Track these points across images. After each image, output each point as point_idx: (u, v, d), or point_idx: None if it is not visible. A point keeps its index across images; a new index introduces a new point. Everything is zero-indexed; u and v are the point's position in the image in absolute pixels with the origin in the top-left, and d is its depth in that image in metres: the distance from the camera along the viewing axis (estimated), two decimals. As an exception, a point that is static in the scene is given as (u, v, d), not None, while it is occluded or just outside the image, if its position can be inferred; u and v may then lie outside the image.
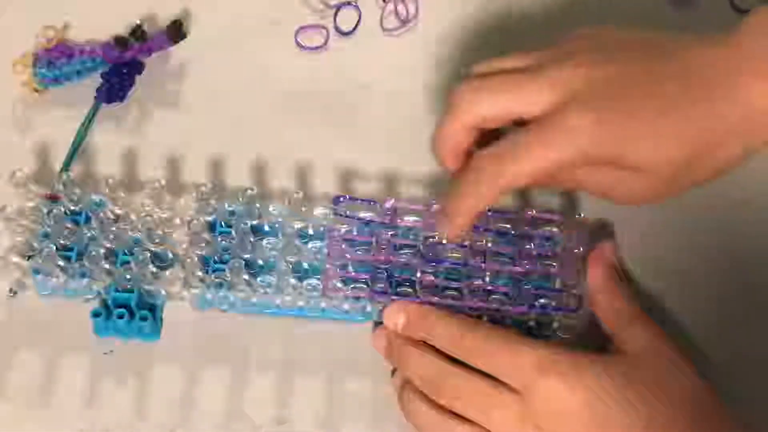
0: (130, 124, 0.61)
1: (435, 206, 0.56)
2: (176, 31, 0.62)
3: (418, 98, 0.62)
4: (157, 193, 0.56)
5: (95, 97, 0.61)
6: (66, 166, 0.59)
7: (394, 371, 0.53)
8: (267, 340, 0.55)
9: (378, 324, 0.55)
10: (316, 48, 0.64)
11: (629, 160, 0.48)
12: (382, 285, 0.54)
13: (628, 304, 0.53)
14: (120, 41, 0.62)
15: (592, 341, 0.54)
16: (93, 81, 0.62)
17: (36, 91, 0.62)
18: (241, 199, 0.56)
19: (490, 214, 0.56)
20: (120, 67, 0.62)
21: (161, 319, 0.55)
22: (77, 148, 0.60)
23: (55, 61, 0.61)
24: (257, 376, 0.54)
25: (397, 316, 0.53)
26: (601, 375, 0.48)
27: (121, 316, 0.53)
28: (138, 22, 0.63)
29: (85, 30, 0.64)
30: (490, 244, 0.55)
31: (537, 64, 0.50)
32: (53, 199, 0.56)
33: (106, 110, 0.61)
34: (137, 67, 0.62)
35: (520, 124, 0.50)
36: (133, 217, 0.55)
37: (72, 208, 0.56)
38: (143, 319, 0.54)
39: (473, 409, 0.49)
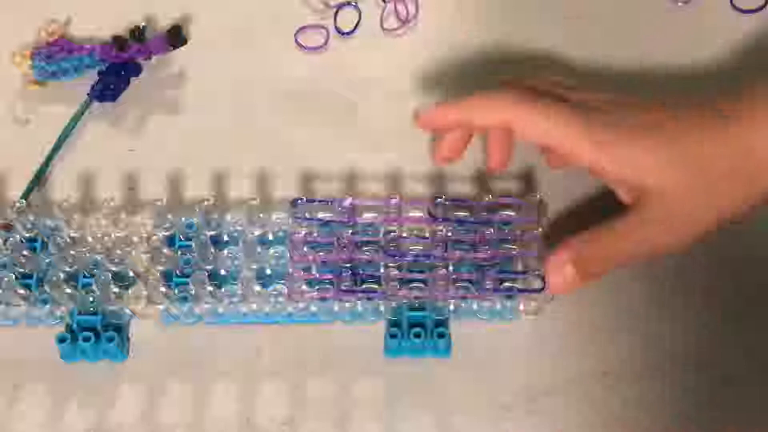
0: (130, 124, 0.61)
1: (393, 201, 0.56)
2: (176, 37, 0.62)
3: (418, 98, 0.62)
4: (113, 212, 0.55)
5: (88, 94, 0.61)
6: (48, 162, 0.59)
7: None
8: (235, 349, 0.54)
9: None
10: (316, 48, 0.64)
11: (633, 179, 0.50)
12: (348, 284, 0.54)
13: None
14: (118, 41, 0.61)
15: (558, 319, 0.54)
16: (90, 79, 0.61)
17: (36, 84, 0.61)
18: (198, 210, 0.55)
19: (447, 202, 0.56)
20: (117, 67, 0.61)
21: (128, 339, 0.55)
22: (63, 142, 0.60)
23: (54, 56, 0.61)
24: (226, 386, 0.53)
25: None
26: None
27: (87, 339, 0.53)
28: (139, 23, 0.62)
29: (87, 26, 0.64)
30: (450, 233, 0.55)
31: (597, 108, 0.52)
32: (7, 228, 0.55)
33: (104, 113, 0.61)
34: (134, 68, 0.62)
35: None
36: (90, 238, 0.55)
37: (27, 235, 0.55)
38: (109, 340, 0.53)
39: None
